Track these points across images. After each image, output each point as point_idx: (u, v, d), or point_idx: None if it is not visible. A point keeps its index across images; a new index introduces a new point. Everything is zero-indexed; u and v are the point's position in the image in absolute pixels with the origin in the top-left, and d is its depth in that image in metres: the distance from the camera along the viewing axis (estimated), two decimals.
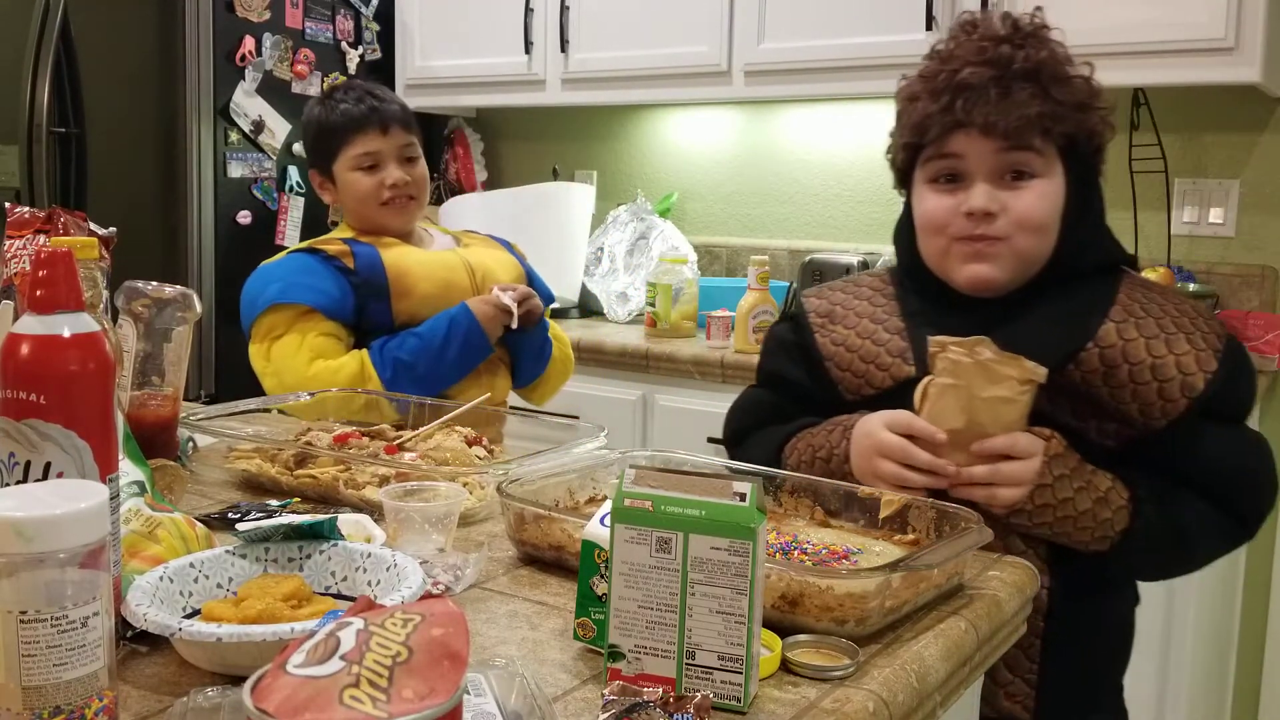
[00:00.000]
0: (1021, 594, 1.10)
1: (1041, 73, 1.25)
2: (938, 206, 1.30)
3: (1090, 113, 1.27)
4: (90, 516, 0.66)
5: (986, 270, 1.29)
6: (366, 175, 2.00)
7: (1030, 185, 1.26)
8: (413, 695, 0.52)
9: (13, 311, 1.21)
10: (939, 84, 1.27)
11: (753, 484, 0.81)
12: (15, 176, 3.32)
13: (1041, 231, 1.27)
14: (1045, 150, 1.26)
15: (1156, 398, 1.24)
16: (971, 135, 1.26)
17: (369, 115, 1.98)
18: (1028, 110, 1.23)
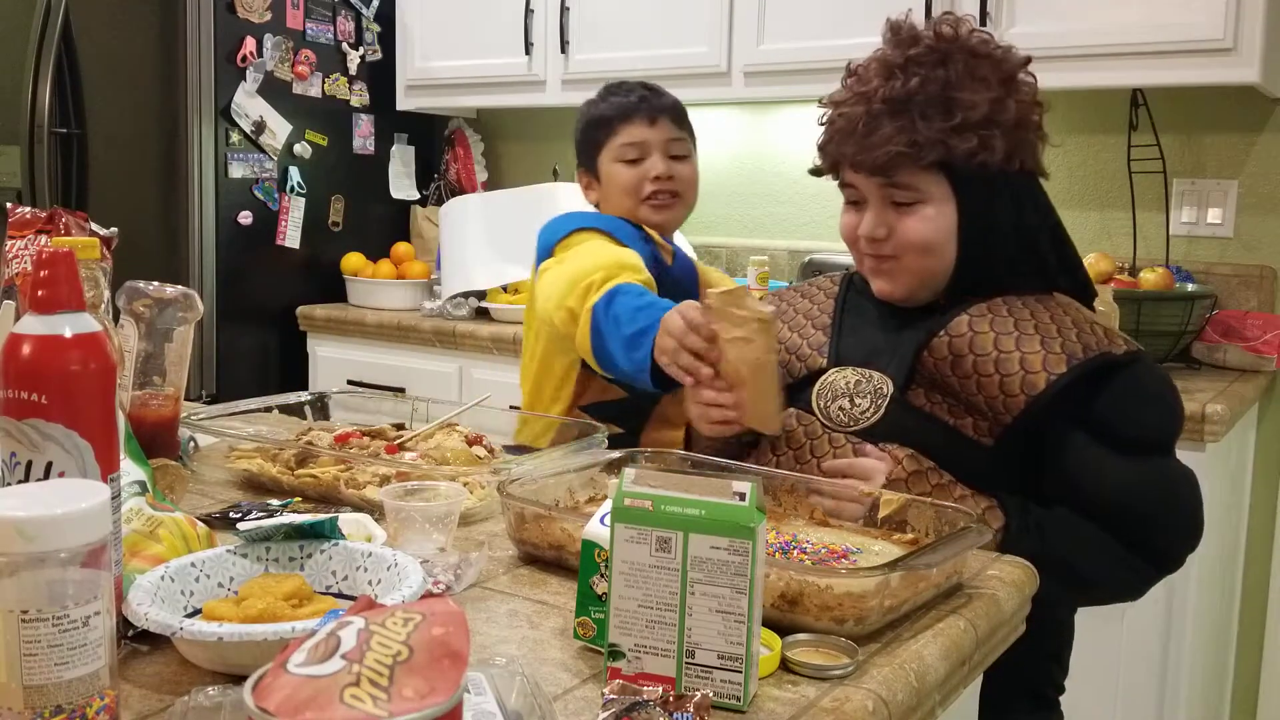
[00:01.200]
0: (1020, 593, 1.10)
1: (912, 103, 1.29)
2: (845, 225, 1.41)
3: (968, 135, 1.28)
4: (91, 516, 0.67)
5: (886, 284, 1.39)
6: (629, 167, 1.88)
7: (914, 210, 1.33)
8: (413, 694, 0.52)
9: (14, 311, 1.22)
10: (831, 117, 1.38)
11: (752, 484, 0.81)
12: (17, 177, 3.32)
13: (929, 251, 1.34)
14: (919, 178, 1.31)
15: (998, 391, 1.27)
16: (848, 167, 1.36)
17: (637, 105, 1.90)
18: (887, 147, 1.29)
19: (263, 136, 3.19)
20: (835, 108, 1.38)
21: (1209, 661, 2.34)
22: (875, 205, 1.35)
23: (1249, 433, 2.48)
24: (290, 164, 3.27)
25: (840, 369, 1.39)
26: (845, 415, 1.35)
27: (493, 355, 2.94)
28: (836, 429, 1.35)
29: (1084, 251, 2.62)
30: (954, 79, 1.29)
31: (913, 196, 1.32)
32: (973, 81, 1.30)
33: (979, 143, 1.29)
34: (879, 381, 1.35)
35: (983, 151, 1.29)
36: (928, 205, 1.32)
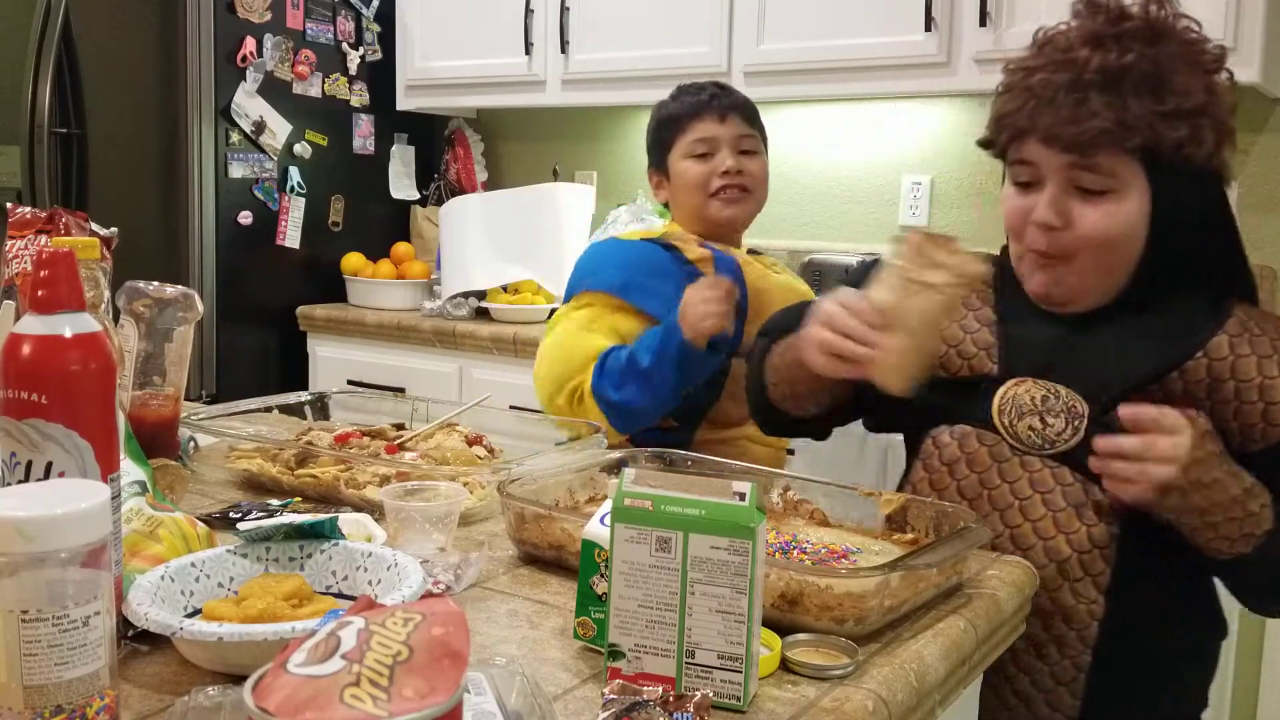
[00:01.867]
0: (1020, 593, 1.10)
1: (1125, 78, 1.16)
2: (1012, 210, 1.27)
3: (1180, 123, 1.16)
4: (91, 516, 0.67)
5: (1049, 283, 1.25)
6: (698, 163, 1.88)
7: (1100, 200, 1.20)
8: (413, 694, 0.52)
9: (14, 311, 1.22)
10: (1017, 83, 1.23)
11: (752, 484, 0.81)
12: (17, 177, 3.32)
13: (1109, 249, 1.21)
14: (1118, 163, 1.18)
15: (1260, 419, 1.19)
16: (1039, 140, 1.21)
17: (708, 103, 1.89)
18: (1094, 123, 1.16)
19: (263, 136, 3.19)
20: (1029, 73, 1.21)
21: None
22: (1055, 189, 1.21)
23: None
24: (290, 164, 3.27)
25: (1020, 381, 1.26)
26: (1038, 436, 1.23)
27: (493, 355, 2.94)
28: (1029, 451, 1.24)
29: None
30: (1166, 60, 1.17)
31: (1104, 183, 1.19)
32: (1185, 65, 1.18)
33: (1189, 133, 1.17)
34: (1068, 398, 1.23)
35: (1191, 143, 1.17)
36: (1119, 195, 1.19)
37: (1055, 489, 1.22)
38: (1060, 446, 1.22)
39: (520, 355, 2.85)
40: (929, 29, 2.56)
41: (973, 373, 1.29)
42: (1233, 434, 1.20)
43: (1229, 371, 1.20)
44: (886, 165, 3.06)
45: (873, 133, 3.08)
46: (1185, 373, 1.21)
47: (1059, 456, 1.22)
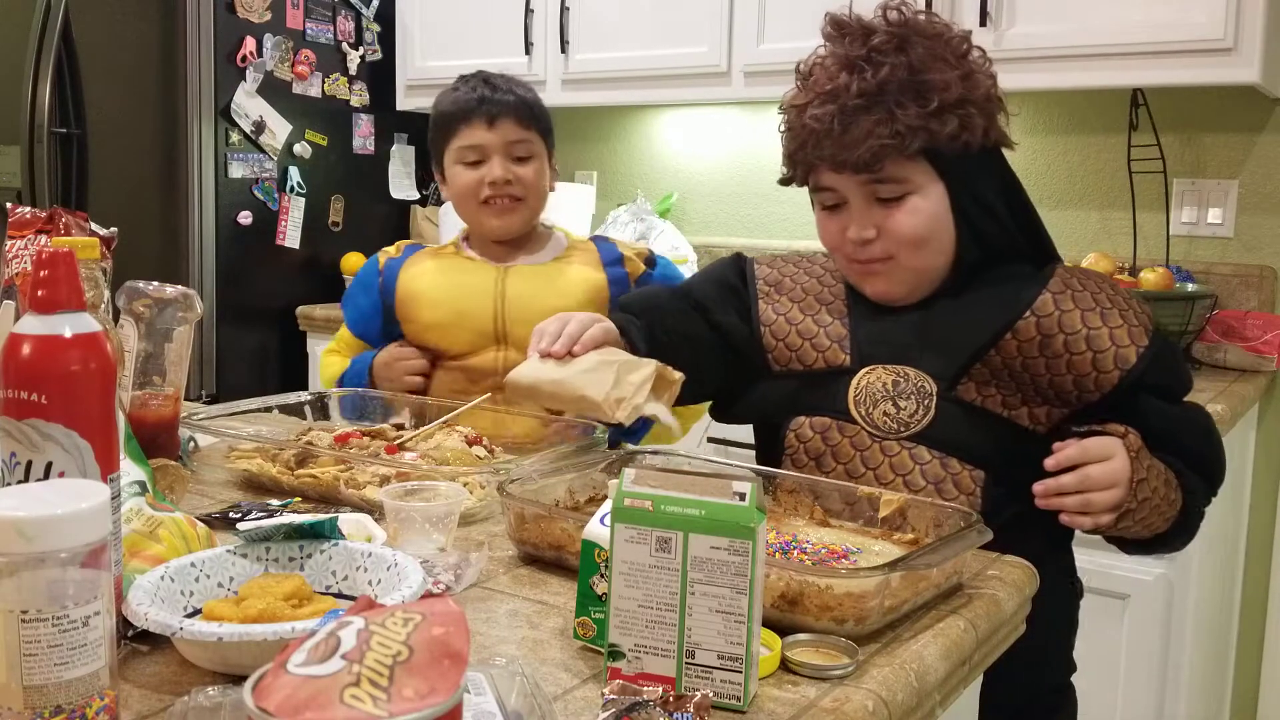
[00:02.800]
0: (1020, 593, 1.10)
1: (886, 92, 1.25)
2: (827, 232, 1.36)
3: (948, 117, 1.25)
4: (91, 516, 0.67)
5: (883, 286, 1.34)
6: (469, 170, 1.83)
7: (902, 204, 1.29)
8: (413, 694, 0.52)
9: (14, 311, 1.22)
10: (794, 122, 1.32)
11: (752, 484, 0.81)
12: (16, 177, 3.32)
13: (923, 244, 1.30)
14: (905, 169, 1.27)
15: (1091, 368, 1.26)
16: (829, 169, 1.30)
17: (477, 105, 1.82)
18: (871, 141, 1.24)
19: (263, 136, 3.19)
20: (800, 111, 1.31)
21: (1209, 661, 2.34)
22: (859, 205, 1.31)
23: (1249, 433, 2.48)
24: (290, 164, 3.27)
25: (871, 369, 1.33)
26: (893, 420, 1.30)
27: None
28: (886, 436, 1.30)
29: (1084, 251, 2.63)
30: (918, 62, 1.26)
31: (900, 189, 1.28)
32: (936, 62, 1.26)
33: (959, 123, 1.26)
34: (917, 379, 1.31)
35: (964, 132, 1.26)
36: (915, 196, 1.29)
37: (914, 469, 1.28)
38: (915, 427, 1.29)
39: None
40: None
41: (828, 365, 1.36)
42: (1069, 387, 1.27)
43: (1056, 326, 1.27)
44: None
45: None
46: (1017, 332, 1.28)
47: (915, 437, 1.29)
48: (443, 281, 1.86)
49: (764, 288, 1.46)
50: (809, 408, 1.36)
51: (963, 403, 1.29)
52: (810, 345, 1.38)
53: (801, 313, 1.41)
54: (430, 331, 1.84)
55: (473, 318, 1.81)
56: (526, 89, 1.88)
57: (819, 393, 1.35)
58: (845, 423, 1.33)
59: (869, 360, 1.34)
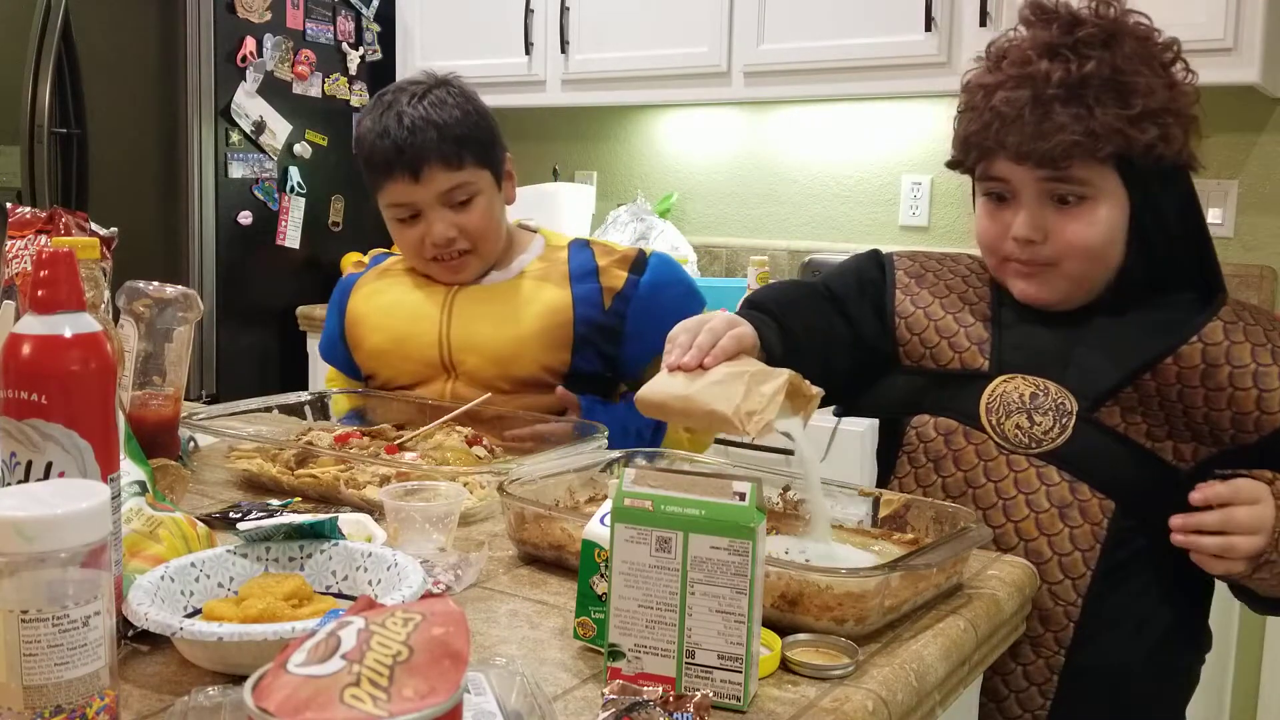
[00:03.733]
0: (1021, 593, 1.10)
1: (1088, 87, 1.16)
2: (987, 229, 1.27)
3: (1147, 125, 1.17)
4: (91, 516, 0.67)
5: (1035, 290, 1.26)
6: (407, 227, 1.63)
7: (1078, 209, 1.20)
8: (413, 694, 0.52)
9: (14, 311, 1.22)
10: (979, 103, 1.23)
11: (753, 484, 0.81)
12: (16, 177, 3.32)
13: (1092, 256, 1.22)
14: (1092, 172, 1.19)
15: (1254, 406, 1.17)
16: (1009, 158, 1.21)
17: (396, 159, 1.57)
18: (1063, 136, 1.16)
19: (263, 136, 3.19)
20: (989, 92, 1.21)
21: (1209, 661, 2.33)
22: (1032, 203, 1.21)
23: None
24: (290, 164, 3.27)
25: (1010, 378, 1.25)
26: (1024, 434, 1.22)
27: None
28: (1015, 450, 1.22)
29: None
30: (1124, 62, 1.17)
31: (1080, 192, 1.19)
32: (1143, 65, 1.18)
33: (1159, 134, 1.17)
34: (1058, 395, 1.22)
35: (1162, 144, 1.18)
36: (1096, 203, 1.20)
37: (1040, 489, 1.21)
38: (1047, 445, 1.21)
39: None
40: (929, 29, 2.56)
41: (963, 367, 1.28)
42: (1225, 424, 1.18)
43: (1224, 357, 1.18)
44: (886, 165, 3.06)
45: (873, 133, 3.08)
46: (1180, 357, 1.19)
47: (1046, 455, 1.21)
48: (387, 303, 1.68)
49: (903, 279, 1.37)
50: (936, 407, 1.29)
51: (1103, 427, 1.20)
52: (948, 344, 1.30)
53: (943, 309, 1.32)
54: (373, 360, 1.69)
55: (416, 344, 1.65)
56: (449, 107, 1.59)
57: (949, 394, 1.28)
58: (973, 429, 1.25)
59: (1009, 368, 1.26)
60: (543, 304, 1.62)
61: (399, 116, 1.58)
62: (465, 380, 1.63)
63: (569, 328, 1.60)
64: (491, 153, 1.65)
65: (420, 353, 1.65)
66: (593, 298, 1.62)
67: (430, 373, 1.66)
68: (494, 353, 1.61)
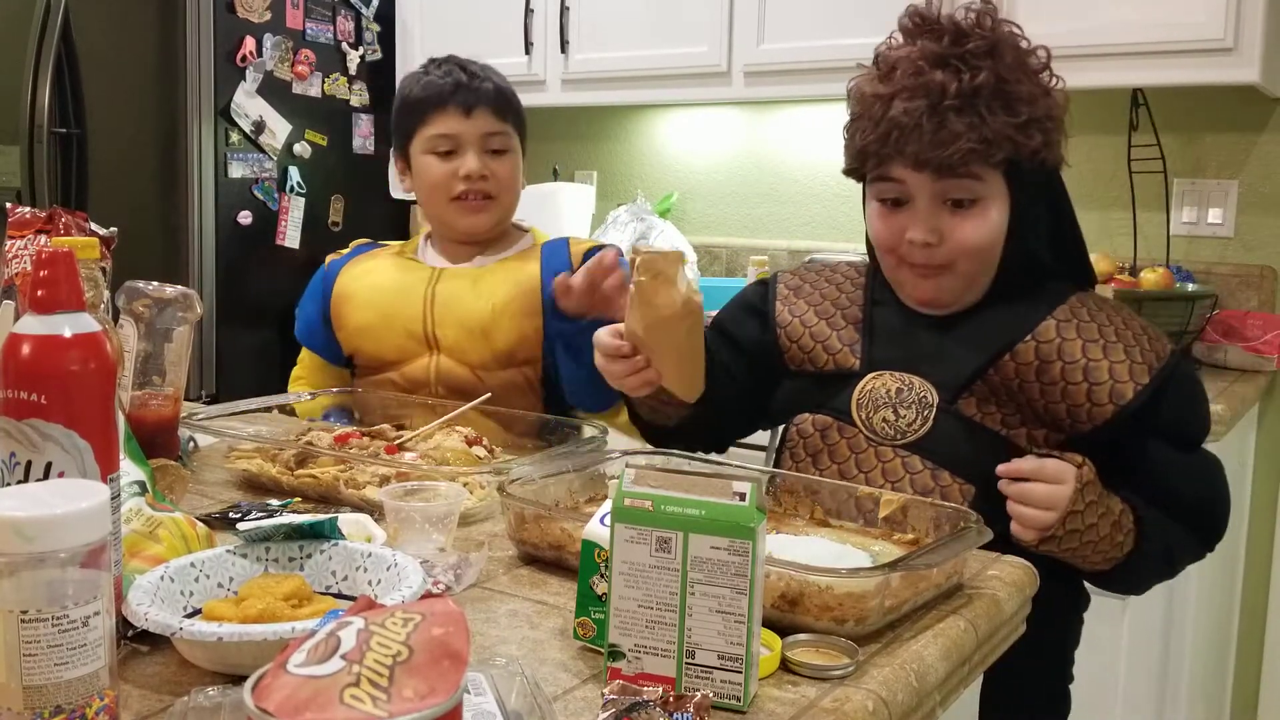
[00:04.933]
0: (1021, 593, 1.10)
1: (979, 97, 1.23)
2: (883, 229, 1.33)
3: (1032, 132, 1.24)
4: (91, 516, 0.67)
5: (932, 291, 1.33)
6: (440, 161, 1.71)
7: (970, 212, 1.27)
8: (413, 694, 0.52)
9: (14, 311, 1.22)
10: (876, 113, 1.27)
11: (753, 484, 0.81)
12: (16, 177, 3.32)
13: (982, 255, 1.30)
14: (984, 175, 1.26)
15: (1085, 400, 1.25)
16: (908, 165, 1.26)
17: (452, 93, 1.70)
18: (960, 144, 1.22)
19: (262, 136, 3.19)
20: (883, 102, 1.26)
21: (1209, 661, 2.34)
22: (926, 207, 1.28)
23: (1249, 433, 2.48)
24: (290, 164, 3.27)
25: (879, 375, 1.34)
26: (890, 427, 1.31)
27: None
28: (883, 442, 1.31)
29: None
30: (1007, 72, 1.24)
31: (974, 192, 1.26)
32: (1023, 75, 1.25)
33: (1043, 138, 1.25)
34: (921, 389, 1.31)
35: (1045, 148, 1.26)
36: (988, 204, 1.27)
37: (905, 477, 1.28)
38: (911, 436, 1.29)
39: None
40: None
41: (837, 367, 1.37)
42: (1062, 415, 1.26)
43: (1055, 353, 1.26)
44: None
45: None
46: (1015, 355, 1.28)
47: (910, 445, 1.29)
48: (376, 282, 1.76)
49: (784, 292, 1.47)
50: (814, 406, 1.37)
51: (962, 417, 1.29)
52: (822, 347, 1.38)
53: (817, 316, 1.41)
54: (359, 336, 1.75)
55: (402, 320, 1.71)
56: (503, 79, 1.78)
57: (826, 393, 1.37)
58: (845, 424, 1.33)
59: (878, 366, 1.34)
60: (515, 277, 1.72)
61: (461, 65, 1.74)
62: (447, 354, 1.69)
63: (537, 293, 1.69)
64: (524, 130, 1.80)
65: (405, 326, 1.71)
66: (559, 262, 1.72)
67: (414, 348, 1.71)
68: (473, 324, 1.68)
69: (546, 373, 1.69)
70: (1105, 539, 1.22)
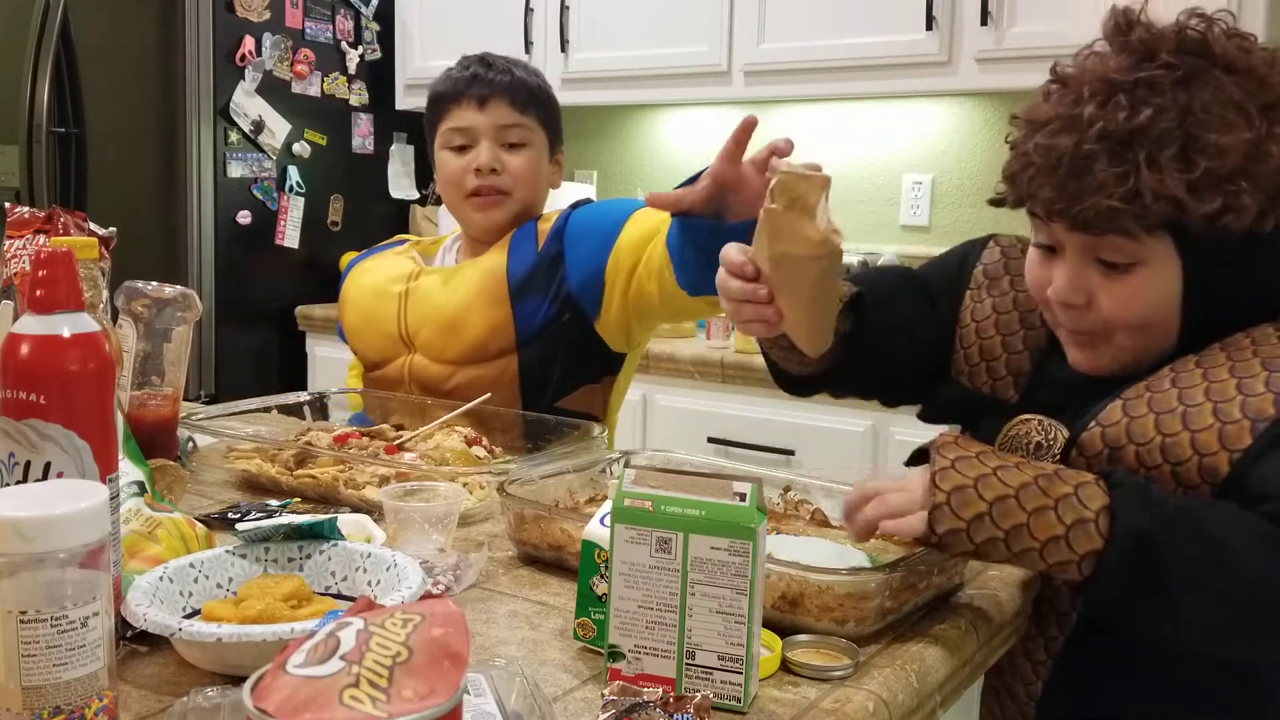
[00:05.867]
0: (1021, 594, 1.10)
1: (1138, 142, 0.97)
2: (1035, 279, 1.11)
3: (1212, 192, 0.96)
4: (90, 516, 0.66)
5: (1090, 361, 1.09)
6: (455, 156, 1.67)
7: (1127, 275, 1.02)
8: (413, 695, 0.52)
9: (13, 311, 1.21)
10: (1021, 140, 1.06)
11: (753, 484, 0.81)
12: (15, 176, 3.32)
13: (1143, 328, 1.04)
14: (1140, 235, 1.00)
15: (1172, 482, 0.98)
16: (1043, 214, 1.05)
17: (468, 84, 1.65)
18: (1098, 199, 0.97)
19: (261, 136, 3.19)
20: (1032, 129, 1.04)
21: None
22: (1073, 261, 1.04)
23: None
24: (289, 163, 3.27)
25: (1026, 421, 1.14)
26: None
27: None
28: None
29: None
30: (1199, 109, 0.97)
31: (1127, 257, 1.01)
32: (1225, 112, 0.98)
33: (1223, 204, 0.96)
34: (1060, 449, 1.09)
35: (1227, 214, 0.97)
36: (1146, 267, 1.01)
37: None
38: None
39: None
40: (930, 28, 2.56)
41: (993, 394, 1.19)
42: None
43: (1125, 436, 1.02)
44: (887, 165, 3.06)
45: (873, 132, 3.07)
46: (1082, 447, 1.05)
47: None
48: (364, 283, 1.75)
49: (979, 279, 1.24)
50: (971, 427, 1.21)
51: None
52: (986, 367, 1.19)
53: (995, 328, 1.20)
54: (352, 337, 1.76)
55: (380, 320, 1.70)
56: (531, 72, 1.71)
57: (979, 415, 1.20)
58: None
59: (1034, 407, 1.15)
60: (482, 268, 1.66)
61: (484, 59, 1.69)
62: (423, 352, 1.68)
63: (502, 282, 1.63)
64: (553, 122, 1.72)
65: (383, 327, 1.70)
66: (526, 248, 1.65)
67: (393, 349, 1.71)
68: (443, 320, 1.65)
69: (524, 366, 1.66)
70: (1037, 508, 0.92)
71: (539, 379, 1.65)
